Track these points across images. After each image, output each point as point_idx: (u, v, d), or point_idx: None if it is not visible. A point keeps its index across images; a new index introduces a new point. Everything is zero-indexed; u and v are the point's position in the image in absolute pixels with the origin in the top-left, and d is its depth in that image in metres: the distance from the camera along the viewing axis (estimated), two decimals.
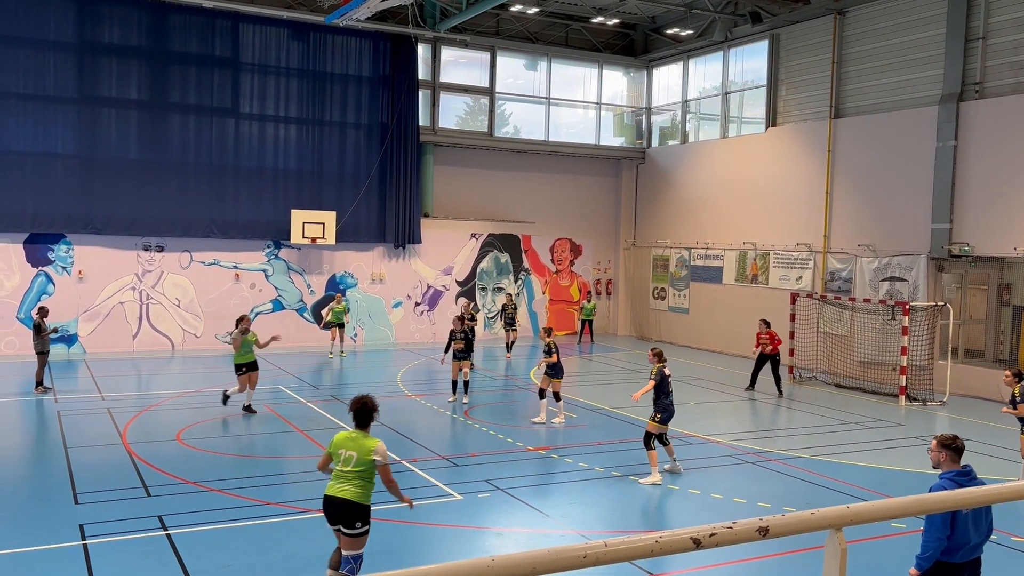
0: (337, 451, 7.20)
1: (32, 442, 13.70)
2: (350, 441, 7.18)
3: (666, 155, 28.95)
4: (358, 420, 7.25)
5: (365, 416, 7.25)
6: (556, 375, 15.04)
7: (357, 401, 7.30)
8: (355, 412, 7.27)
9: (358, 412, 7.25)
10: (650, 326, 29.18)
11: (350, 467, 7.08)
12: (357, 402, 7.30)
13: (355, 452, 7.09)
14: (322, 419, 15.23)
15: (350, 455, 7.10)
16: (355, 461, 7.08)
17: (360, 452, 7.09)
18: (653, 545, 2.61)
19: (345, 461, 7.11)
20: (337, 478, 7.14)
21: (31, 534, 9.07)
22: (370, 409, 7.28)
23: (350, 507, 7.06)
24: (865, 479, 12.02)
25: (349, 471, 7.09)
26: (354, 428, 7.28)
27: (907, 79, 20.76)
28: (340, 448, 7.19)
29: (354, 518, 7.09)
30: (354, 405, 7.30)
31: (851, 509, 2.99)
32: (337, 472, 7.16)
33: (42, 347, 17.03)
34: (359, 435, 7.20)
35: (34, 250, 22.20)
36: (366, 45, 25.45)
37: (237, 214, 24.10)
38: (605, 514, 10.57)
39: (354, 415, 7.27)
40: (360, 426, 7.25)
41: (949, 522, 5.88)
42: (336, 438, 7.29)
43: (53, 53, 21.95)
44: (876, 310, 20.29)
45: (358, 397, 7.35)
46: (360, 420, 7.25)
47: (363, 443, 7.13)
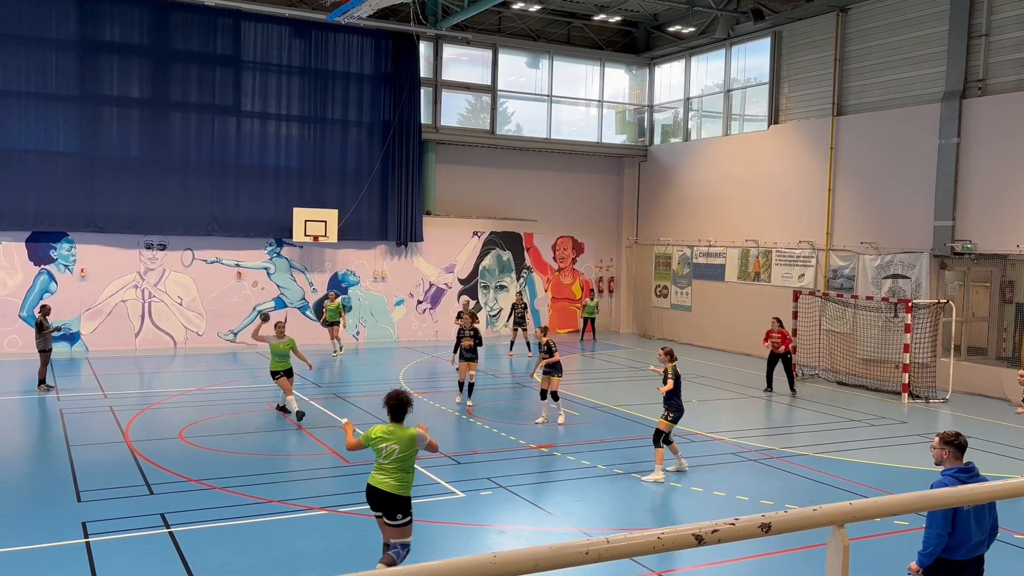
0: (377, 445, 7.45)
1: (35, 440, 13.72)
2: (389, 435, 7.44)
3: (668, 153, 28.92)
4: (394, 414, 7.52)
5: (400, 410, 7.53)
6: (556, 373, 14.95)
7: (393, 396, 7.58)
8: (391, 407, 7.54)
9: (394, 406, 7.53)
10: (652, 324, 29.16)
11: (392, 459, 7.38)
12: (393, 397, 7.58)
13: (397, 445, 7.38)
14: (324, 417, 15.24)
15: (392, 448, 7.38)
16: (397, 453, 7.37)
17: (402, 444, 7.39)
18: (655, 541, 2.61)
19: (387, 455, 7.39)
20: (379, 470, 7.45)
21: (34, 532, 9.09)
22: (405, 403, 7.57)
23: (392, 499, 7.39)
24: (868, 476, 12.00)
25: (391, 464, 7.39)
26: (390, 422, 7.54)
27: (910, 76, 20.73)
28: (381, 442, 7.44)
29: (395, 510, 7.42)
30: (390, 400, 7.57)
31: (853, 506, 2.99)
32: (378, 465, 7.46)
33: (44, 345, 17.05)
34: (396, 428, 7.48)
35: (36, 248, 22.22)
36: (368, 43, 25.44)
37: (239, 212, 24.11)
38: (607, 512, 10.57)
39: (390, 409, 7.54)
40: (396, 420, 7.52)
41: (950, 519, 5.88)
42: (374, 432, 7.52)
43: (55, 51, 21.96)
44: (879, 308, 20.26)
45: (393, 392, 7.66)
46: (396, 414, 7.52)
47: (403, 435, 7.43)
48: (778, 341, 18.69)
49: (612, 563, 6.68)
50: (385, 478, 7.40)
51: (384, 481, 7.40)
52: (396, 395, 7.61)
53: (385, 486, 7.38)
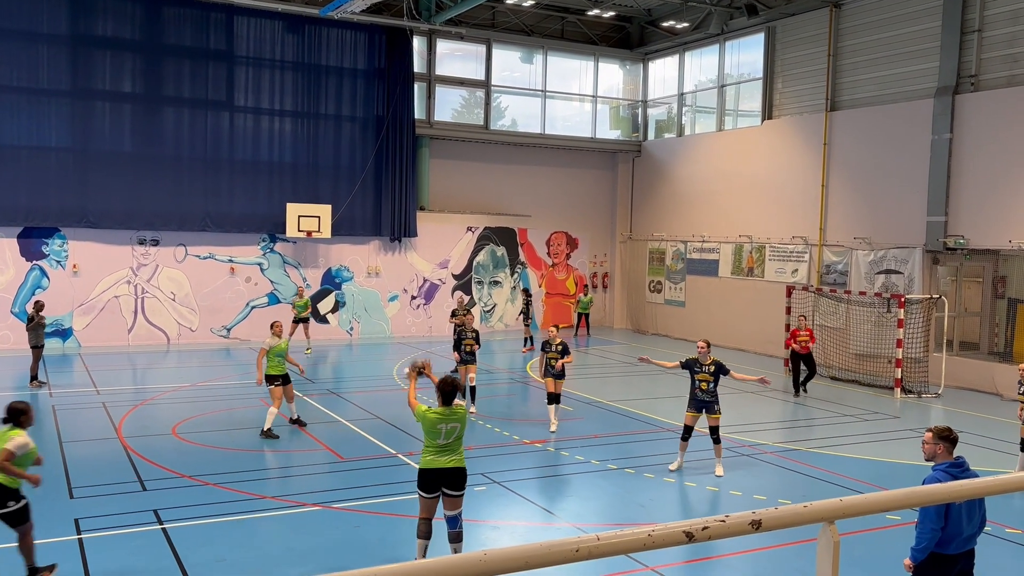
0: (437, 428, 7.96)
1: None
2: (449, 416, 8.01)
3: (662, 148, 28.92)
4: (446, 398, 8.08)
5: (454, 395, 8.13)
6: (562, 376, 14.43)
7: (449, 382, 8.19)
8: (446, 392, 8.10)
9: (449, 392, 8.10)
10: (646, 319, 29.20)
11: (453, 437, 8.00)
12: (449, 383, 8.18)
13: (458, 423, 8.04)
14: (318, 412, 15.22)
15: (453, 427, 8.00)
16: (459, 431, 8.05)
17: (462, 422, 8.09)
18: (645, 539, 2.61)
19: (448, 434, 7.98)
20: (441, 451, 7.98)
21: None
22: (458, 388, 8.22)
23: (461, 473, 8.04)
24: (861, 471, 12.05)
25: (454, 441, 8.01)
26: (441, 405, 8.07)
27: (903, 72, 20.76)
28: (441, 423, 7.97)
29: (463, 480, 8.09)
30: (446, 386, 8.15)
31: (844, 502, 2.99)
32: (440, 446, 7.98)
33: (36, 341, 17.01)
34: (450, 410, 8.04)
35: (28, 244, 22.13)
36: (361, 38, 25.37)
37: (232, 207, 24.05)
38: (602, 507, 10.58)
39: (445, 395, 8.09)
40: (447, 403, 8.07)
41: (943, 514, 5.91)
42: (431, 417, 7.98)
43: (46, 46, 21.85)
44: (872, 303, 20.32)
45: (448, 378, 8.26)
46: (448, 398, 8.09)
47: (461, 414, 8.10)
48: (806, 339, 17.97)
49: (606, 559, 6.70)
50: (453, 456, 8.00)
51: (454, 460, 7.99)
52: (452, 381, 8.21)
53: (457, 463, 8.00)
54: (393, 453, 12.50)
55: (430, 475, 8.00)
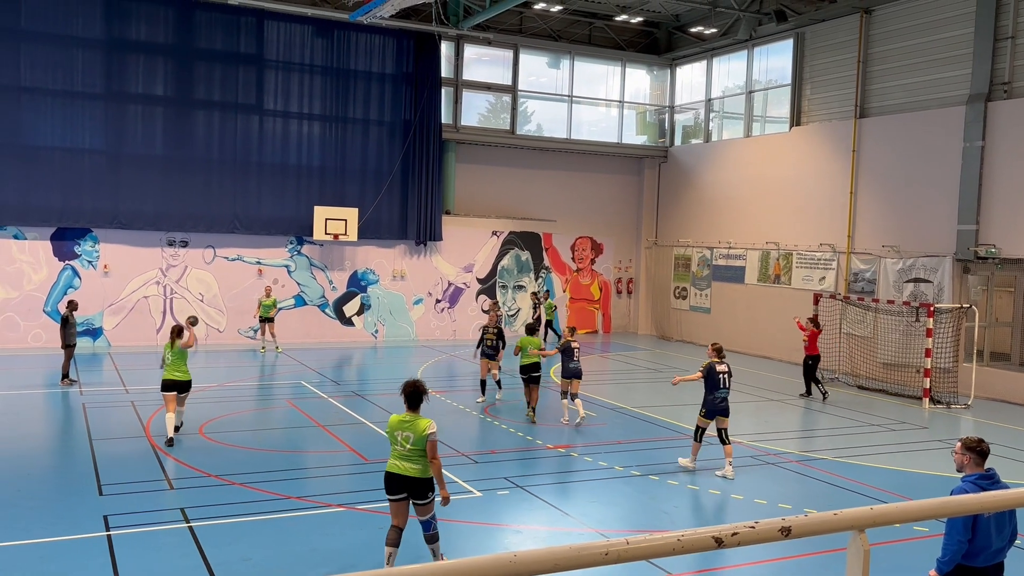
0: (394, 433, 7.82)
1: (58, 434, 13.88)
2: (405, 424, 7.79)
3: (689, 154, 28.82)
4: (410, 403, 7.86)
5: (416, 398, 7.88)
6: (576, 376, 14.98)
7: (410, 385, 7.92)
8: (407, 395, 7.88)
9: (410, 395, 7.87)
10: (671, 325, 29.08)
11: (409, 446, 7.74)
12: (410, 386, 7.92)
13: (412, 433, 7.73)
14: (343, 414, 15.31)
15: (407, 435, 7.74)
16: (413, 440, 7.72)
17: (416, 432, 7.73)
18: (675, 543, 2.61)
19: (404, 441, 7.75)
20: (399, 457, 7.80)
21: (56, 524, 9.20)
22: (420, 392, 7.91)
23: (418, 483, 7.78)
24: (888, 482, 11.92)
25: (410, 450, 7.74)
26: (407, 411, 7.87)
27: (934, 78, 20.54)
28: (396, 430, 7.81)
29: (424, 490, 7.81)
30: (406, 389, 7.92)
31: (875, 510, 2.98)
32: (398, 452, 7.80)
33: (69, 340, 17.25)
34: (412, 417, 7.82)
35: (61, 244, 22.46)
36: (390, 42, 25.53)
37: (260, 210, 24.27)
38: (624, 513, 10.55)
39: (406, 398, 7.88)
40: (412, 408, 7.86)
41: (970, 525, 5.83)
42: (392, 421, 7.91)
43: (81, 50, 22.19)
44: (900, 311, 20.10)
45: (410, 381, 7.98)
46: (412, 402, 7.86)
47: (418, 424, 7.76)
48: (805, 341, 18.49)
49: (630, 565, 6.67)
50: (408, 463, 7.76)
51: (410, 467, 7.75)
52: (413, 384, 7.93)
53: (412, 472, 7.74)
54: None
55: (391, 479, 7.87)
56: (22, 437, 13.14)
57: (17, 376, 18.27)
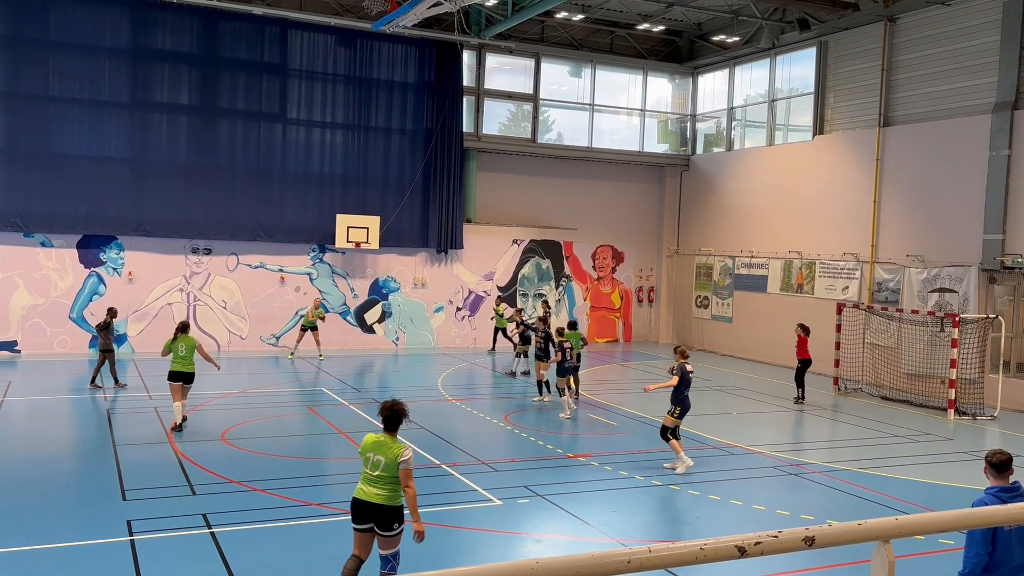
0: (365, 455, 7.28)
1: (82, 439, 14.00)
2: (379, 446, 7.24)
3: (711, 162, 28.73)
4: (387, 424, 7.33)
5: (395, 420, 7.34)
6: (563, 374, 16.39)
7: (387, 406, 7.39)
8: (385, 417, 7.35)
9: (388, 417, 7.34)
10: (692, 334, 28.94)
11: (379, 471, 7.14)
12: (387, 407, 7.38)
13: (383, 458, 7.16)
14: (364, 422, 15.34)
15: (378, 459, 7.17)
16: (383, 466, 7.14)
17: (388, 458, 7.15)
18: (697, 552, 2.60)
19: (374, 465, 7.18)
20: (367, 482, 7.22)
21: (81, 529, 9.29)
22: (399, 414, 7.36)
23: (385, 511, 7.17)
24: (912, 493, 11.79)
25: (379, 476, 7.15)
26: (383, 432, 7.34)
27: (959, 87, 20.37)
28: (368, 452, 7.26)
29: (390, 520, 7.20)
30: (384, 410, 7.39)
31: (900, 521, 2.95)
32: (366, 476, 7.23)
33: (106, 345, 17.52)
34: (388, 440, 7.27)
35: (87, 252, 22.73)
36: (412, 52, 25.67)
37: (283, 218, 24.45)
38: (645, 523, 10.50)
39: (384, 420, 7.35)
40: (389, 430, 7.32)
41: (989, 539, 5.75)
42: (365, 441, 7.35)
43: (108, 59, 22.49)
44: (924, 322, 19.90)
45: (388, 402, 7.45)
46: (390, 424, 7.33)
47: (391, 449, 7.19)
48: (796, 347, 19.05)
49: (652, 573, 6.65)
50: (376, 489, 7.17)
51: (376, 493, 7.16)
52: (391, 405, 7.42)
53: (379, 498, 7.16)
54: (437, 464, 12.55)
55: (356, 506, 7.27)
56: (47, 442, 13.29)
57: (43, 382, 18.48)
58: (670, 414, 12.47)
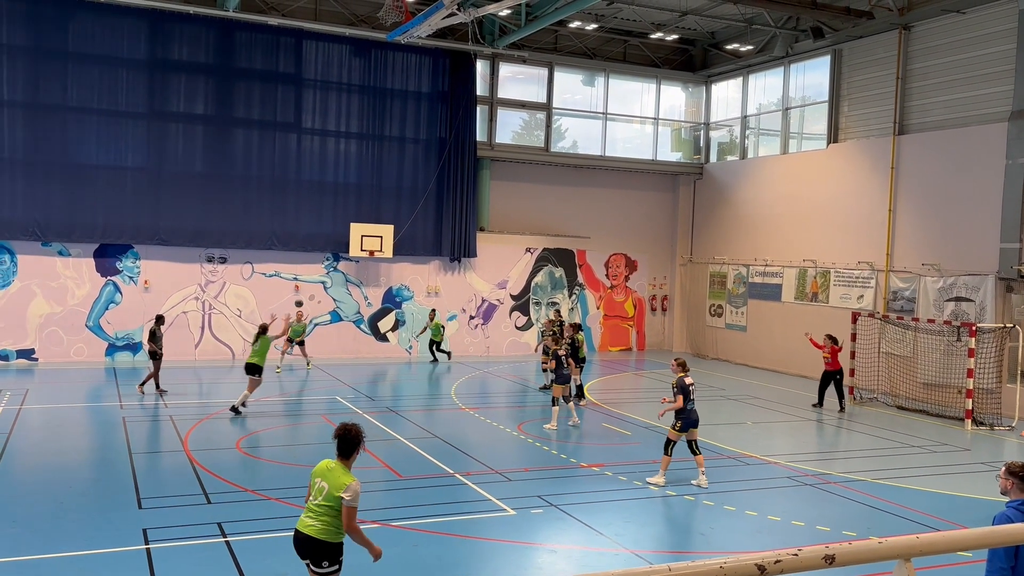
0: (313, 480, 6.70)
1: (98, 447, 14.08)
2: (327, 472, 6.64)
3: (724, 171, 28.67)
4: (340, 450, 6.68)
5: (348, 446, 6.67)
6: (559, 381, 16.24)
7: (341, 428, 6.75)
8: (338, 440, 6.69)
9: (341, 441, 6.68)
10: (706, 343, 28.85)
11: (320, 500, 6.54)
12: (341, 429, 6.74)
13: (327, 484, 6.55)
14: (378, 430, 15.37)
15: (323, 486, 6.57)
16: (324, 495, 6.53)
17: (332, 486, 6.53)
18: (717, 571, 2.59)
19: (317, 492, 6.60)
20: (307, 511, 6.65)
21: (96, 537, 9.33)
22: (353, 439, 6.68)
23: (316, 544, 6.55)
24: (929, 505, 11.69)
25: (319, 504, 6.54)
26: (337, 458, 6.72)
27: (975, 95, 20.26)
28: (316, 477, 6.69)
29: (321, 556, 6.57)
30: (337, 432, 6.74)
31: (921, 539, 2.93)
32: (308, 505, 6.66)
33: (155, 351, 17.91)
34: (338, 467, 6.64)
35: (103, 260, 22.89)
36: (426, 61, 25.78)
37: (298, 227, 24.56)
38: (659, 533, 10.46)
39: (337, 444, 6.69)
40: (342, 456, 6.68)
41: (1012, 553, 5.69)
42: (319, 465, 6.75)
43: (125, 70, 22.68)
44: (941, 331, 19.76)
45: (343, 424, 6.81)
46: (343, 450, 6.67)
47: (338, 478, 6.55)
48: (827, 358, 18.84)
49: None
50: (313, 520, 6.53)
51: (311, 525, 6.53)
52: (343, 429, 6.73)
53: (312, 530, 6.52)
54: (451, 473, 12.55)
55: (295, 537, 6.68)
56: (64, 451, 13.37)
57: (60, 390, 18.60)
58: (672, 427, 12.36)
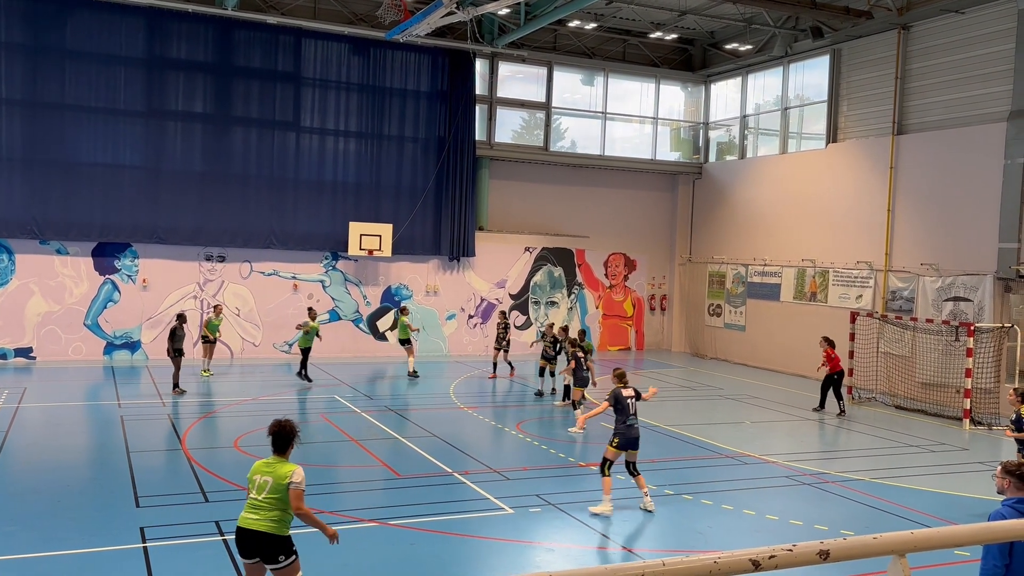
0: (252, 478, 6.67)
1: (96, 446, 14.07)
2: (266, 467, 6.66)
3: (723, 170, 28.68)
4: (276, 445, 6.73)
5: (283, 441, 6.72)
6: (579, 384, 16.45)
7: (275, 424, 6.80)
8: (273, 436, 6.74)
9: (276, 436, 6.73)
10: (705, 343, 28.86)
11: (264, 495, 6.54)
12: (275, 425, 6.79)
13: (271, 478, 6.57)
14: (376, 429, 15.37)
15: (265, 481, 6.57)
16: (270, 488, 6.54)
17: (275, 478, 6.57)
18: (711, 566, 2.59)
19: (260, 488, 6.56)
20: (251, 507, 6.59)
21: (94, 535, 9.33)
22: (288, 433, 6.74)
23: (269, 540, 6.53)
24: (926, 504, 11.70)
25: (264, 500, 6.54)
26: (272, 455, 6.76)
27: (974, 95, 20.27)
28: (256, 475, 6.66)
29: (275, 552, 6.55)
30: (272, 428, 6.79)
31: (915, 535, 2.93)
32: (251, 501, 6.61)
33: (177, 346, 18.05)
34: (276, 461, 6.70)
35: (101, 259, 22.88)
36: (425, 60, 25.77)
37: (296, 225, 24.55)
38: (657, 532, 10.46)
39: (272, 439, 6.74)
40: (278, 452, 6.73)
41: (1006, 551, 5.69)
42: (255, 466, 6.76)
43: (123, 68, 22.67)
44: (939, 331, 19.77)
45: (276, 420, 6.86)
46: (278, 445, 6.72)
47: (279, 469, 6.62)
48: (826, 361, 18.76)
49: None
50: (259, 516, 6.52)
51: (259, 521, 6.51)
52: (277, 425, 6.79)
53: (261, 526, 6.50)
54: (449, 471, 12.54)
55: (240, 535, 6.61)
56: (61, 449, 13.36)
57: (58, 389, 18.60)
58: (610, 444, 11.06)
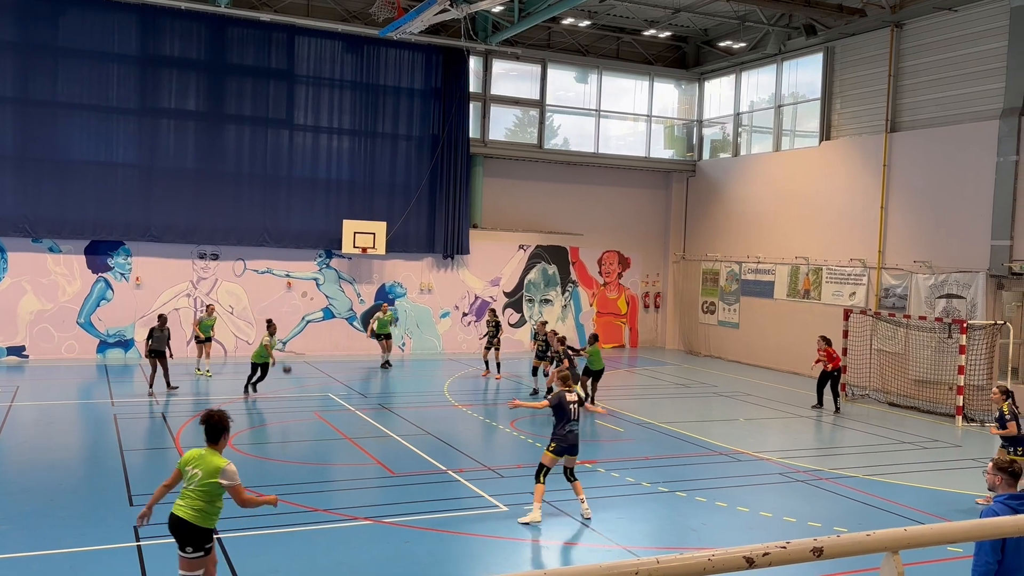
0: (184, 468, 6.83)
1: (89, 444, 14.04)
2: (198, 458, 6.80)
3: (717, 168, 28.71)
4: (208, 436, 6.87)
5: (214, 432, 6.85)
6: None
7: (206, 415, 6.92)
8: (205, 427, 6.87)
9: (208, 427, 6.86)
10: (699, 340, 28.90)
11: (195, 485, 6.70)
12: (206, 416, 6.91)
13: (200, 471, 6.71)
14: (370, 427, 15.36)
15: (195, 473, 6.72)
16: (199, 480, 6.69)
17: (205, 472, 6.70)
18: (705, 563, 2.59)
19: (190, 479, 6.74)
20: (182, 496, 6.78)
21: (87, 534, 9.31)
22: (218, 424, 6.86)
23: (185, 527, 6.69)
24: (920, 500, 11.74)
25: (193, 490, 6.70)
26: (205, 445, 6.89)
27: (967, 92, 20.32)
28: (187, 465, 6.82)
29: (187, 540, 6.70)
30: (204, 419, 6.91)
31: (908, 532, 2.94)
32: (182, 490, 6.81)
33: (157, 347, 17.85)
34: (207, 452, 6.83)
35: (94, 257, 22.81)
36: (418, 58, 25.74)
37: (290, 223, 24.51)
38: (652, 529, 10.48)
39: (204, 430, 6.88)
40: (210, 442, 6.86)
41: (999, 547, 5.72)
42: (186, 455, 6.92)
43: (116, 65, 22.59)
44: (932, 328, 19.84)
45: (208, 411, 6.98)
46: (210, 436, 6.86)
47: (210, 462, 6.74)
48: (824, 359, 18.71)
49: None
50: (185, 504, 6.69)
51: (182, 508, 6.69)
52: (208, 415, 6.90)
53: (182, 512, 6.68)
54: (444, 469, 12.55)
55: (171, 522, 6.79)
56: (55, 448, 13.32)
57: (51, 387, 18.54)
58: (547, 449, 10.46)
